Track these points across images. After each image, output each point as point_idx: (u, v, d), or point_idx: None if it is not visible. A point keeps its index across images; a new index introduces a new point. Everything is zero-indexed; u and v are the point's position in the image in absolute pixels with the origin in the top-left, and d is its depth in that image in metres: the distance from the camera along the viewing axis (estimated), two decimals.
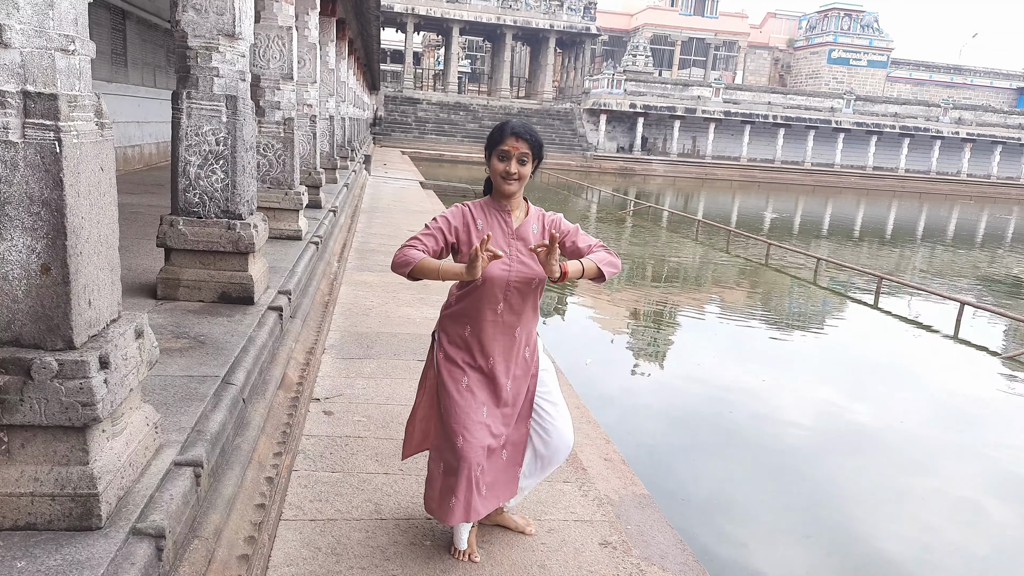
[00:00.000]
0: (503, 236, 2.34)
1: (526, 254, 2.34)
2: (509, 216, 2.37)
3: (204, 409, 2.48)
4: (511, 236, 2.35)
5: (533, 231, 2.39)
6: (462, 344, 2.42)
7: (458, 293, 2.43)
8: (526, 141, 2.28)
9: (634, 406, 5.93)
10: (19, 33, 1.59)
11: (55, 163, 1.65)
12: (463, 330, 2.41)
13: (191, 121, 3.79)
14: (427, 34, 61.94)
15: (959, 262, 17.27)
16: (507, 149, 2.27)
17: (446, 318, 2.47)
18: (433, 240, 2.30)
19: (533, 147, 2.30)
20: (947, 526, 4.40)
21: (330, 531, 2.65)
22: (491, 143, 2.32)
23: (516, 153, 2.27)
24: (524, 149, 2.28)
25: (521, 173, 2.29)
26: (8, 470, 1.73)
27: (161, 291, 3.89)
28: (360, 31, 17.35)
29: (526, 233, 2.37)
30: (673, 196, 30.86)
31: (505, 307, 2.36)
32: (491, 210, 2.37)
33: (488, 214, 2.36)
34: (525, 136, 2.28)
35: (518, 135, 2.28)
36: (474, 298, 2.36)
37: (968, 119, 47.54)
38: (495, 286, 2.32)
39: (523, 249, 2.34)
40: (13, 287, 1.69)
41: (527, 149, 2.28)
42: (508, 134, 2.28)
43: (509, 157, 2.28)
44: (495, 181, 2.33)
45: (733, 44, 56.61)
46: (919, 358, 8.39)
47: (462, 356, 2.41)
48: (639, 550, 2.78)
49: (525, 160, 2.29)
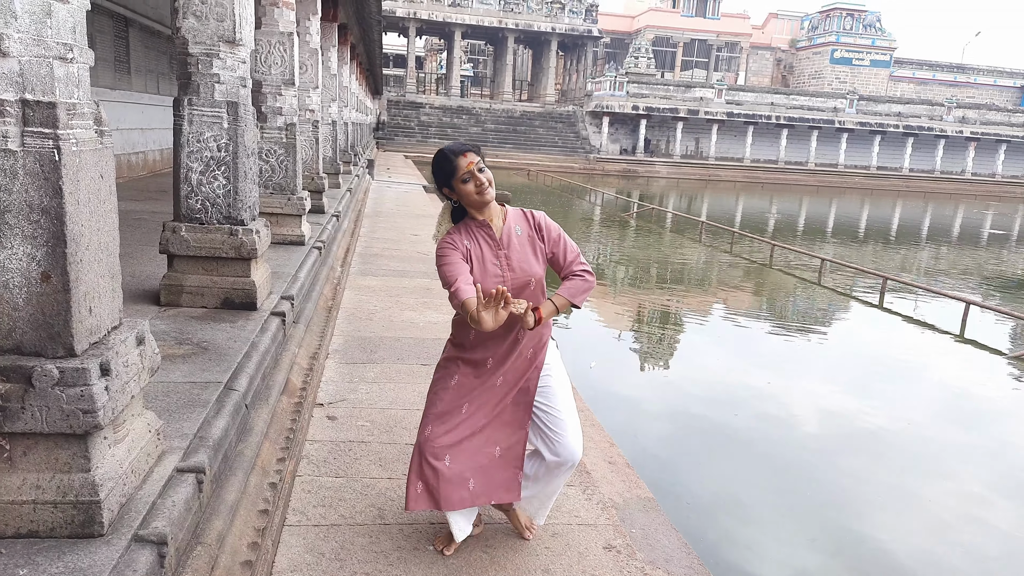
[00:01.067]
0: (491, 251, 2.36)
1: (517, 260, 2.37)
2: (491, 229, 2.38)
3: (207, 415, 2.48)
4: (497, 248, 2.37)
5: (516, 232, 2.40)
6: (465, 347, 2.47)
7: None
8: (471, 151, 2.30)
9: (638, 409, 5.91)
10: (17, 42, 1.59)
11: (54, 171, 1.65)
12: (468, 334, 2.44)
13: (193, 127, 3.80)
14: (429, 38, 62.12)
15: (964, 262, 17.20)
16: (467, 170, 2.28)
17: (455, 323, 2.52)
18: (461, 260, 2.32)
19: (477, 151, 2.32)
20: (955, 526, 4.37)
21: (334, 536, 2.64)
22: (446, 176, 2.31)
23: (474, 167, 2.29)
24: (475, 158, 2.29)
25: (488, 179, 2.31)
26: (10, 478, 1.73)
27: (164, 297, 3.90)
28: (362, 36, 17.39)
29: (510, 238, 2.39)
30: (676, 198, 30.84)
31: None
32: (473, 231, 2.37)
33: (472, 236, 2.36)
34: (467, 148, 2.31)
35: (463, 152, 2.30)
36: None
37: (972, 118, 47.41)
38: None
39: (512, 256, 2.37)
40: (14, 295, 1.69)
41: (476, 156, 2.30)
42: (456, 157, 2.28)
43: (471, 175, 2.29)
44: (471, 201, 2.32)
45: (735, 45, 56.60)
46: (924, 358, 8.35)
47: (462, 357, 2.47)
48: (644, 554, 2.76)
49: (483, 167, 2.31)
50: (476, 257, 2.34)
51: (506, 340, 2.44)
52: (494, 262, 2.35)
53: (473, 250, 2.35)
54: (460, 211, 2.42)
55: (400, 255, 8.71)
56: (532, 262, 2.38)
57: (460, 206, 2.40)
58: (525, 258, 2.37)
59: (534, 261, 2.39)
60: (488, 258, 2.35)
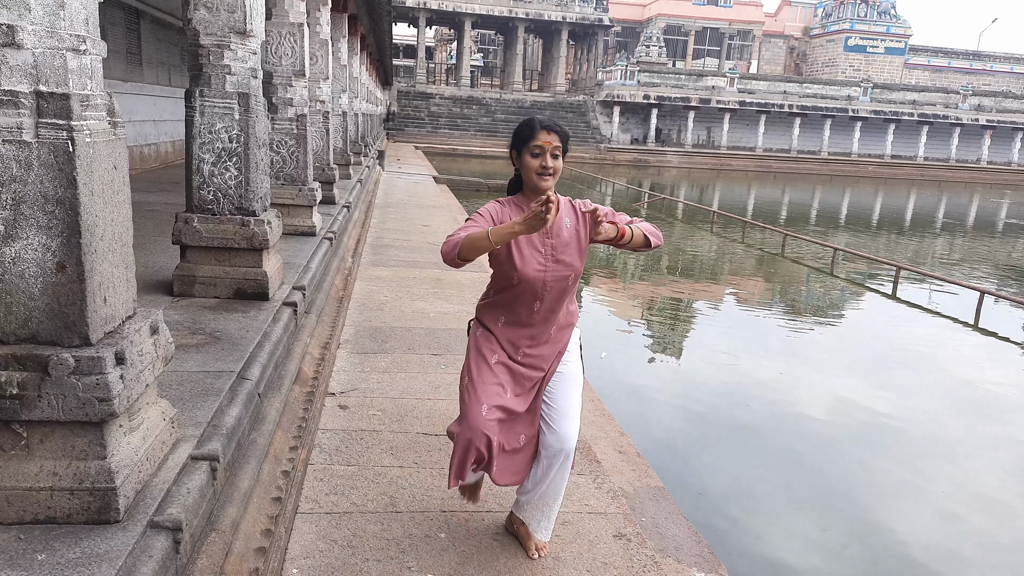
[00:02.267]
0: (539, 235, 2.29)
1: (562, 252, 2.32)
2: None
3: (220, 404, 2.50)
4: (545, 236, 2.31)
5: (566, 225, 2.34)
6: (494, 332, 2.42)
7: (495, 286, 2.43)
8: (557, 134, 2.25)
9: (649, 398, 5.91)
10: (31, 34, 1.60)
11: (68, 162, 1.67)
12: (497, 321, 2.42)
13: (204, 119, 3.82)
14: (439, 28, 61.95)
15: (979, 251, 17.03)
16: (541, 144, 2.23)
17: (484, 307, 2.48)
18: (484, 222, 2.26)
19: (563, 140, 2.28)
20: (968, 517, 4.36)
21: (346, 524, 2.67)
22: (521, 140, 2.28)
23: (549, 148, 2.24)
24: (556, 143, 2.25)
25: (556, 167, 2.26)
26: (27, 465, 1.76)
27: (177, 288, 3.93)
28: (372, 26, 17.37)
29: (560, 229, 2.33)
30: (688, 187, 30.68)
31: (541, 306, 2.36)
32: (525, 209, 2.28)
33: (522, 212, 2.28)
34: (556, 130, 2.26)
35: (549, 129, 2.25)
36: (510, 296, 2.36)
37: (988, 105, 46.80)
38: (533, 286, 2.31)
39: (558, 247, 2.32)
40: (29, 285, 1.72)
41: (559, 143, 2.25)
42: (539, 129, 2.24)
43: (543, 152, 2.24)
44: (530, 179, 2.28)
45: (748, 33, 56.07)
46: (938, 348, 8.29)
47: (492, 343, 2.42)
48: (654, 542, 2.77)
49: (557, 154, 2.26)
50: (519, 239, 2.27)
51: (539, 335, 2.40)
52: (539, 249, 2.30)
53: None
54: (517, 185, 2.39)
55: (411, 246, 8.73)
56: (575, 256, 2.34)
57: (518, 180, 2.37)
58: (569, 252, 2.33)
59: (577, 255, 2.35)
60: (535, 242, 2.30)
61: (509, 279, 2.32)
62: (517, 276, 2.26)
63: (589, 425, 3.82)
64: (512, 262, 2.28)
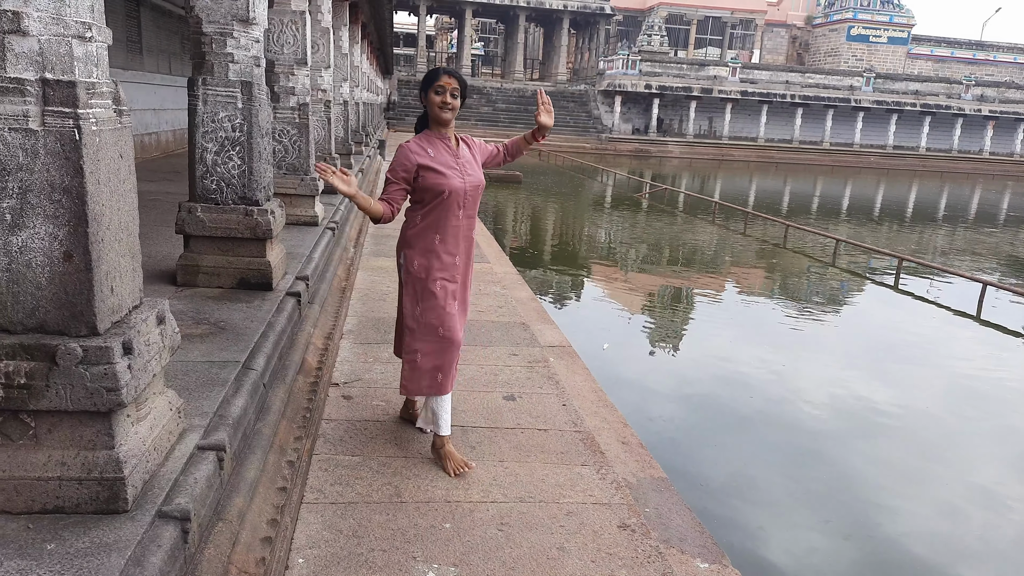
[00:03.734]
0: (450, 156, 2.91)
1: (469, 169, 2.94)
2: (449, 141, 2.95)
3: (226, 394, 2.50)
4: (455, 157, 2.92)
5: (465, 149, 3.00)
6: (432, 252, 2.93)
7: (423, 211, 2.92)
8: (456, 79, 2.86)
9: (652, 389, 5.92)
10: (36, 21, 1.59)
11: (75, 150, 1.66)
12: (432, 240, 2.92)
13: (207, 108, 3.80)
14: (440, 17, 61.59)
15: (981, 242, 17.01)
16: (443, 84, 2.83)
17: (412, 236, 2.96)
18: (402, 193, 2.90)
19: (461, 85, 2.88)
20: (970, 511, 4.37)
21: (351, 514, 2.67)
22: (428, 82, 2.87)
23: (449, 88, 2.83)
24: (455, 85, 2.84)
25: (454, 105, 2.86)
26: (36, 454, 1.76)
27: (180, 277, 3.92)
28: (373, 15, 17.26)
29: (464, 152, 2.99)
30: (689, 178, 30.61)
31: (463, 212, 2.94)
32: (434, 140, 2.93)
33: (432, 143, 2.92)
34: (456, 75, 2.87)
35: (450, 74, 2.87)
36: (440, 210, 2.89)
37: (991, 96, 46.60)
38: (456, 195, 2.88)
39: (466, 166, 2.93)
40: (37, 274, 1.71)
41: (457, 85, 2.85)
42: (442, 73, 2.86)
43: (444, 91, 2.83)
44: (433, 112, 2.87)
45: (750, 22, 55.76)
46: (941, 340, 8.29)
47: (433, 263, 2.93)
48: (658, 533, 2.78)
49: (456, 95, 2.86)
50: (437, 161, 2.87)
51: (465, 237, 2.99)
52: (453, 166, 2.89)
53: (435, 155, 2.89)
54: (423, 123, 2.98)
55: None
56: (478, 172, 3.01)
57: (424, 118, 2.97)
58: (474, 169, 2.97)
59: (479, 171, 3.02)
60: (448, 162, 2.89)
61: (440, 193, 2.85)
62: (448, 188, 2.84)
63: (592, 416, 3.82)
64: (439, 180, 2.85)
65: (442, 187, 2.85)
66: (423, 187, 2.87)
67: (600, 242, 14.27)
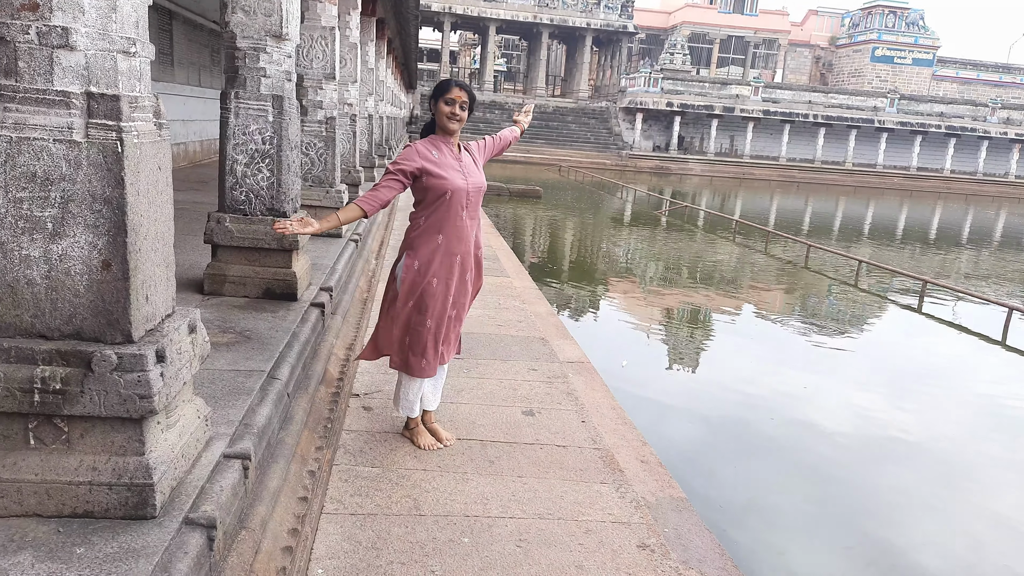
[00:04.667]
0: (454, 159, 3.06)
1: (470, 172, 3.08)
2: (454, 147, 3.12)
3: (251, 403, 2.53)
4: (458, 161, 3.08)
5: (468, 155, 3.16)
6: (434, 252, 3.03)
7: (426, 212, 3.04)
8: (466, 92, 3.02)
9: (671, 409, 5.88)
10: (84, 36, 1.64)
11: (117, 162, 1.70)
12: (435, 240, 3.03)
13: (239, 120, 3.87)
14: (464, 33, 62.18)
15: (1007, 266, 16.76)
16: (453, 97, 2.98)
17: (416, 238, 3.07)
18: (396, 186, 2.96)
19: (471, 98, 3.04)
20: (994, 541, 4.28)
21: (370, 525, 2.68)
22: (439, 92, 3.02)
23: (459, 100, 2.98)
24: (464, 98, 3.00)
25: (461, 117, 3.01)
26: (68, 459, 1.79)
27: (208, 286, 3.98)
28: (398, 30, 17.49)
29: (465, 157, 3.14)
30: (710, 196, 30.50)
31: (466, 212, 3.07)
32: (439, 144, 3.07)
33: (438, 147, 3.06)
34: (466, 88, 3.04)
35: (461, 87, 3.02)
36: (444, 210, 3.02)
37: (1017, 119, 46.08)
38: (459, 195, 3.01)
39: (467, 169, 3.08)
40: (75, 282, 1.75)
41: (467, 98, 3.01)
42: (453, 85, 3.01)
43: (454, 103, 2.98)
44: (441, 121, 3.03)
45: (773, 42, 55.70)
46: (965, 365, 8.16)
47: (434, 261, 3.04)
48: (677, 553, 2.76)
49: (465, 107, 3.01)
50: (441, 163, 3.00)
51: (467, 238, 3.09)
52: (456, 169, 3.03)
53: (440, 158, 3.02)
54: (430, 128, 3.12)
55: None
56: (480, 175, 3.16)
57: (432, 124, 3.10)
58: (476, 172, 3.14)
59: (481, 175, 3.17)
60: (452, 164, 3.03)
61: (443, 193, 2.98)
62: (451, 188, 2.97)
63: (611, 433, 3.81)
64: (443, 180, 2.98)
65: (445, 187, 2.98)
66: (427, 187, 3.00)
67: (619, 258, 14.25)
